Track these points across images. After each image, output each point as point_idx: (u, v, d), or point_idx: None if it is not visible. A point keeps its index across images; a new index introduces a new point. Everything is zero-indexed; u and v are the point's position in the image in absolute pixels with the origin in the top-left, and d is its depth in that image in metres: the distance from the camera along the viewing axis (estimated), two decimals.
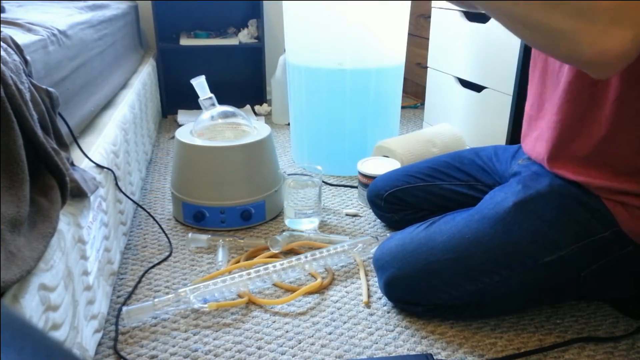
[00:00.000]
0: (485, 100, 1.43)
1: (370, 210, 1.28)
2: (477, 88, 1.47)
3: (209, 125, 1.22)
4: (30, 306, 0.54)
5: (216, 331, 0.84)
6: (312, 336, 0.84)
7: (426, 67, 1.76)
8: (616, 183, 0.76)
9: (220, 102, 1.24)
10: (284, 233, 1.10)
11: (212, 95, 1.23)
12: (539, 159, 0.87)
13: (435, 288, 0.84)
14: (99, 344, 0.81)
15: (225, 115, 1.24)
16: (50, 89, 0.74)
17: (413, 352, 0.80)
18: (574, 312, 0.89)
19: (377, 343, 0.82)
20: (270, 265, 0.95)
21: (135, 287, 0.96)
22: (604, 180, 0.77)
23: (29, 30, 0.84)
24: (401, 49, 1.49)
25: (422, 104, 2.37)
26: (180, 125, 1.96)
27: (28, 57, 0.72)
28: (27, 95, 0.65)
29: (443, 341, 0.83)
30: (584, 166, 0.79)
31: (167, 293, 0.94)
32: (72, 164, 0.78)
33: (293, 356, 0.79)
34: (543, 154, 0.85)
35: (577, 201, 0.79)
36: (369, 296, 0.93)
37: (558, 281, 0.81)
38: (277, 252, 1.06)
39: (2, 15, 0.93)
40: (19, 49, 0.70)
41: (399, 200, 1.12)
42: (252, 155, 1.18)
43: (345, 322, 0.87)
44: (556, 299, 0.90)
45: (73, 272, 0.68)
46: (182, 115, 2.08)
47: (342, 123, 1.49)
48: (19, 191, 0.57)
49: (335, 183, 1.48)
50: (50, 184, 0.66)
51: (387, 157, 1.41)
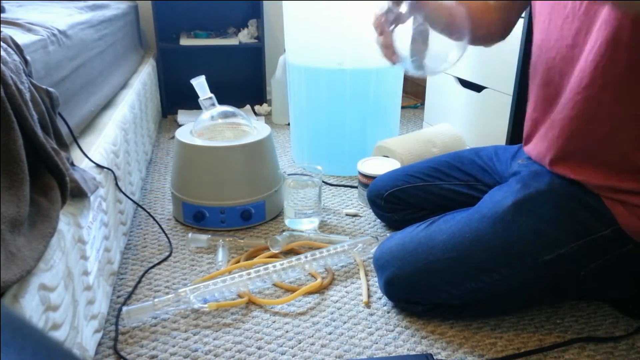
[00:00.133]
0: (485, 100, 1.43)
1: (370, 210, 1.28)
2: (477, 88, 1.47)
3: (209, 125, 1.22)
4: (30, 306, 0.54)
5: (216, 331, 0.84)
6: (312, 336, 0.84)
7: None
8: (615, 181, 0.76)
9: (220, 102, 1.24)
10: (284, 233, 1.10)
11: (212, 95, 1.23)
12: (540, 158, 0.87)
13: (435, 287, 0.84)
14: (99, 344, 0.81)
15: (225, 115, 1.24)
16: (50, 89, 0.74)
17: (413, 352, 0.80)
18: (574, 312, 0.89)
19: (377, 343, 0.82)
20: (270, 265, 0.95)
21: (135, 287, 0.96)
22: (604, 179, 0.77)
23: (29, 30, 0.84)
24: None
25: (422, 104, 2.36)
26: (180, 125, 1.96)
27: (28, 57, 0.72)
28: (27, 95, 0.65)
29: (443, 341, 0.83)
30: (584, 165, 0.79)
31: (167, 293, 0.94)
32: (72, 164, 0.78)
33: (293, 356, 0.79)
34: (545, 154, 0.85)
35: (577, 200, 0.79)
36: (369, 296, 0.93)
37: (558, 280, 0.81)
38: (277, 252, 1.06)
39: (2, 15, 0.93)
40: (19, 49, 0.70)
41: (399, 200, 1.12)
42: (252, 155, 1.18)
43: (345, 322, 0.87)
44: (556, 298, 0.90)
45: (73, 272, 0.68)
46: (182, 115, 2.08)
47: (342, 123, 1.49)
48: (19, 191, 0.57)
49: (335, 183, 1.47)
50: (50, 184, 0.66)
51: (387, 157, 1.41)
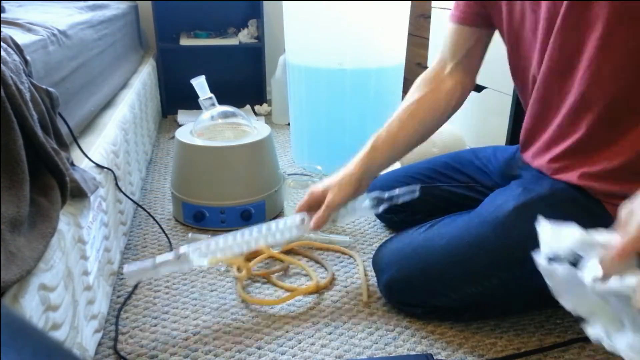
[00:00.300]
0: (485, 100, 1.43)
1: None
2: (477, 88, 1.47)
3: (209, 125, 1.22)
4: (30, 306, 0.54)
5: (216, 331, 0.84)
6: (312, 336, 0.84)
7: (426, 67, 1.76)
8: (618, 187, 0.76)
9: (220, 102, 1.24)
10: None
11: (212, 95, 1.23)
12: (543, 169, 0.87)
13: (434, 291, 0.83)
14: (99, 344, 0.81)
15: (225, 115, 1.24)
16: (50, 89, 0.74)
17: (413, 352, 0.80)
18: None
19: (377, 343, 0.82)
20: (265, 225, 0.88)
21: (135, 287, 0.96)
22: (606, 185, 0.77)
23: (29, 30, 0.84)
24: (401, 49, 1.49)
25: None
26: (180, 125, 1.96)
27: (28, 57, 0.72)
28: (27, 95, 0.65)
29: (443, 341, 0.83)
30: (587, 174, 0.79)
31: (167, 293, 0.94)
32: (72, 164, 0.78)
33: (293, 356, 0.79)
34: (545, 168, 0.85)
35: (579, 205, 0.79)
36: (369, 296, 0.93)
37: None
38: (277, 252, 1.06)
39: (2, 15, 0.93)
40: (19, 49, 0.70)
41: None
42: (252, 155, 1.18)
43: (345, 322, 0.87)
44: (555, 302, 0.90)
45: (73, 272, 0.68)
46: (182, 115, 2.08)
47: (342, 123, 1.49)
48: (19, 191, 0.57)
49: None
50: (50, 184, 0.66)
51: None
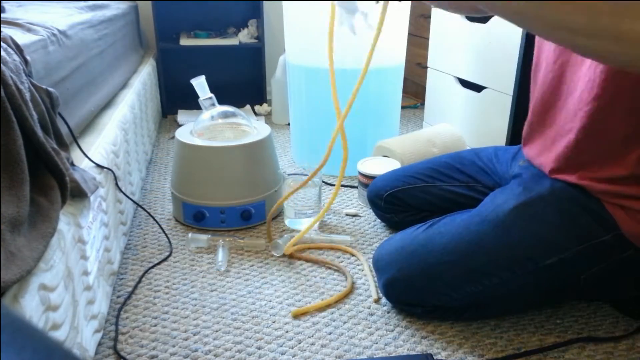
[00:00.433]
0: (485, 100, 1.43)
1: (371, 210, 1.28)
2: (477, 88, 1.47)
3: (209, 125, 1.22)
4: (30, 306, 0.54)
5: (216, 331, 0.84)
6: (312, 336, 0.84)
7: (426, 67, 1.76)
8: (617, 187, 0.76)
9: (220, 102, 1.24)
10: (285, 236, 1.09)
11: (212, 95, 1.23)
12: (542, 167, 0.87)
13: (434, 290, 0.83)
14: (99, 344, 0.81)
15: (225, 115, 1.24)
16: (50, 89, 0.74)
17: (413, 352, 0.80)
18: (574, 312, 0.89)
19: (377, 343, 0.82)
20: None
21: (135, 287, 0.96)
22: (606, 185, 0.77)
23: (29, 30, 0.84)
24: (401, 49, 1.49)
25: (422, 104, 2.36)
26: (180, 125, 1.96)
27: (28, 57, 0.72)
28: (27, 95, 0.65)
29: (443, 341, 0.83)
30: (587, 172, 0.79)
31: (167, 293, 0.94)
32: (72, 164, 0.78)
33: (293, 356, 0.79)
34: (548, 164, 0.85)
35: (579, 204, 0.79)
36: (378, 294, 0.93)
37: (558, 283, 0.80)
38: (279, 255, 1.05)
39: (2, 15, 0.93)
40: (19, 49, 0.70)
41: (399, 200, 1.12)
42: (252, 155, 1.18)
43: (345, 322, 0.87)
44: (555, 300, 0.90)
45: (73, 272, 0.68)
46: (182, 115, 2.08)
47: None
48: (19, 191, 0.57)
49: (335, 183, 1.47)
50: (50, 184, 0.66)
51: (387, 157, 1.41)
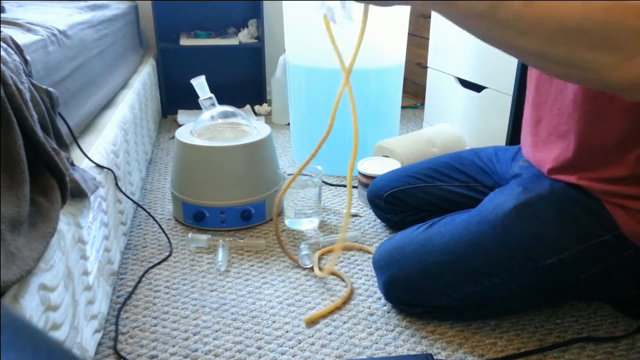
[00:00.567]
0: (485, 100, 1.43)
1: (370, 210, 1.28)
2: (477, 88, 1.47)
3: (209, 125, 1.22)
4: (30, 306, 0.54)
5: (216, 331, 0.84)
6: (312, 336, 0.84)
7: (426, 67, 1.76)
8: (617, 187, 0.76)
9: (220, 102, 1.24)
10: (302, 246, 1.06)
11: (212, 95, 1.23)
12: (540, 166, 0.87)
13: (434, 290, 0.84)
14: (99, 344, 0.81)
15: (225, 115, 1.24)
16: (50, 89, 0.74)
17: (413, 352, 0.80)
18: (574, 312, 0.89)
19: (377, 343, 0.82)
20: None
21: (135, 287, 0.96)
22: (606, 185, 0.77)
23: (29, 30, 0.84)
24: (401, 49, 1.49)
25: (422, 104, 2.36)
26: (180, 125, 1.96)
27: (28, 57, 0.72)
28: (27, 95, 0.65)
29: (443, 341, 0.83)
30: (586, 173, 0.79)
31: (167, 293, 0.94)
32: (72, 164, 0.78)
33: (293, 356, 0.79)
34: (545, 164, 0.85)
35: (578, 204, 0.79)
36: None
37: (558, 283, 0.80)
38: (309, 266, 1.02)
39: (2, 15, 0.93)
40: (19, 49, 0.70)
41: (399, 200, 1.12)
42: (252, 155, 1.18)
43: (345, 322, 0.87)
44: (555, 300, 0.90)
45: (73, 272, 0.68)
46: (182, 115, 2.08)
47: (342, 123, 1.49)
48: (19, 191, 0.57)
49: (335, 183, 1.47)
50: (50, 184, 0.66)
51: (387, 157, 1.41)
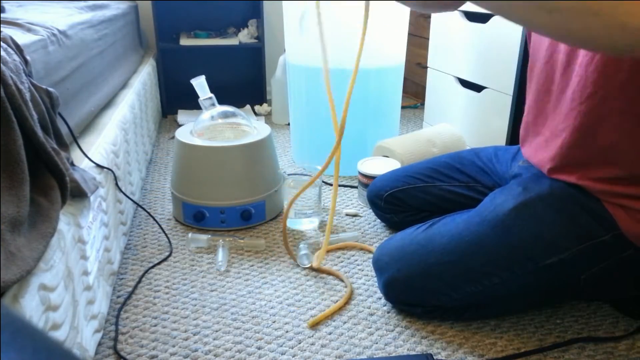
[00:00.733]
0: (485, 100, 1.43)
1: (370, 211, 1.28)
2: (477, 88, 1.47)
3: (209, 125, 1.22)
4: (30, 306, 0.54)
5: (216, 331, 0.84)
6: (312, 336, 0.84)
7: (426, 67, 1.76)
8: (617, 187, 0.76)
9: (220, 102, 1.24)
10: (301, 246, 1.06)
11: (212, 95, 1.23)
12: (540, 166, 0.87)
13: (434, 290, 0.84)
14: (99, 344, 0.81)
15: (225, 115, 1.24)
16: (50, 89, 0.74)
17: (413, 352, 0.80)
18: (574, 312, 0.89)
19: (377, 343, 0.82)
20: None
21: (135, 287, 0.96)
22: (605, 185, 0.77)
23: (29, 30, 0.84)
24: (401, 49, 1.49)
25: (422, 104, 2.37)
26: (180, 125, 1.96)
27: (28, 57, 0.72)
28: (27, 95, 0.65)
29: (443, 341, 0.83)
30: (585, 173, 0.79)
31: (167, 293, 0.94)
32: (72, 164, 0.78)
33: (293, 356, 0.79)
34: (545, 163, 0.85)
35: (578, 204, 0.79)
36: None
37: (558, 283, 0.80)
38: (308, 265, 1.02)
39: (2, 15, 0.93)
40: (19, 49, 0.70)
41: (399, 200, 1.12)
42: (252, 155, 1.18)
43: (345, 322, 0.87)
44: (555, 300, 0.90)
45: (73, 272, 0.68)
46: (182, 115, 2.08)
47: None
48: (19, 191, 0.57)
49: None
50: (50, 184, 0.66)
51: (387, 157, 1.41)
